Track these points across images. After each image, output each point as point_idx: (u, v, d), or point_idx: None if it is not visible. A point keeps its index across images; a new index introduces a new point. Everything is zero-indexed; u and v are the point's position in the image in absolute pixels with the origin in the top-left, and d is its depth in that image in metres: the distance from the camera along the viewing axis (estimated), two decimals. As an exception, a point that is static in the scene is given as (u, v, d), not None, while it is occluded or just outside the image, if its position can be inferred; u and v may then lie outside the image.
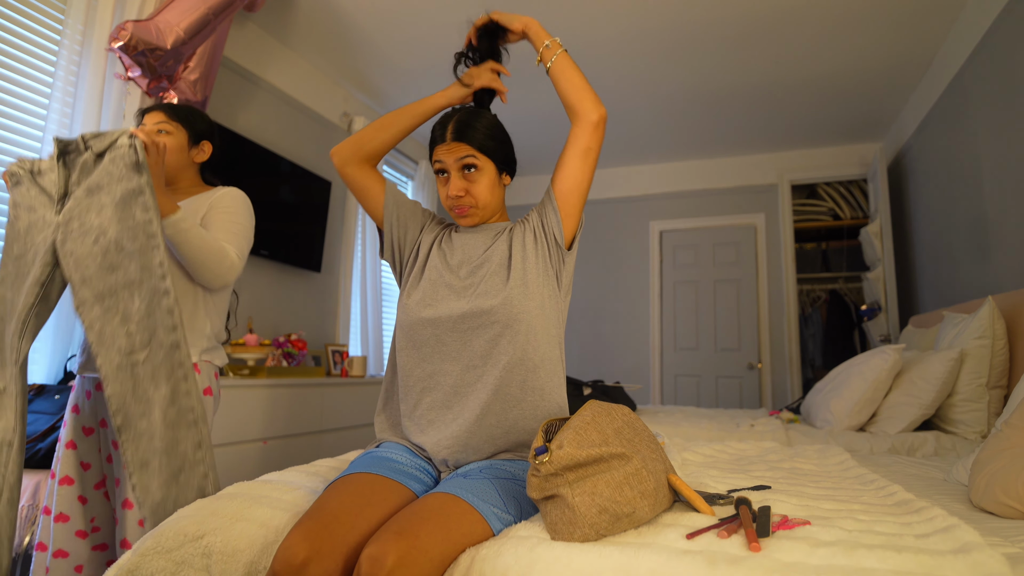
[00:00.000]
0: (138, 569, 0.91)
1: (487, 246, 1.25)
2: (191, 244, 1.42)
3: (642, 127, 4.18)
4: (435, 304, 1.19)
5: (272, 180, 3.07)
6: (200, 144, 1.66)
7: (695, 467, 1.53)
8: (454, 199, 1.23)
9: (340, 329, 3.56)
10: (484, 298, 1.16)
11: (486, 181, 1.23)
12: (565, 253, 1.23)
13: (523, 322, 1.14)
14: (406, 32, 3.06)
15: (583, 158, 1.20)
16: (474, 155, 1.21)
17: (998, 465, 1.17)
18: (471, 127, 1.22)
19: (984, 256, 2.71)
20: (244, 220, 1.59)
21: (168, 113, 1.60)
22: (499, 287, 1.17)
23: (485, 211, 1.26)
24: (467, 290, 1.20)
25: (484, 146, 1.22)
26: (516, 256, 1.20)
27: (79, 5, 2.11)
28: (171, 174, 1.61)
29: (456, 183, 1.22)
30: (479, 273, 1.21)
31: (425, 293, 1.22)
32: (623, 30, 2.98)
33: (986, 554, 0.74)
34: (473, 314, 1.15)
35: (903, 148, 3.85)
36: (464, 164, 1.21)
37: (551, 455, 0.87)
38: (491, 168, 1.24)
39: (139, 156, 1.31)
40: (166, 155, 1.57)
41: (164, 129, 1.59)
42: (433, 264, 1.26)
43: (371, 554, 0.80)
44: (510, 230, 1.27)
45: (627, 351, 4.84)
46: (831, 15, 2.81)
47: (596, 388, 2.89)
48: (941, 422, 2.30)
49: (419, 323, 1.19)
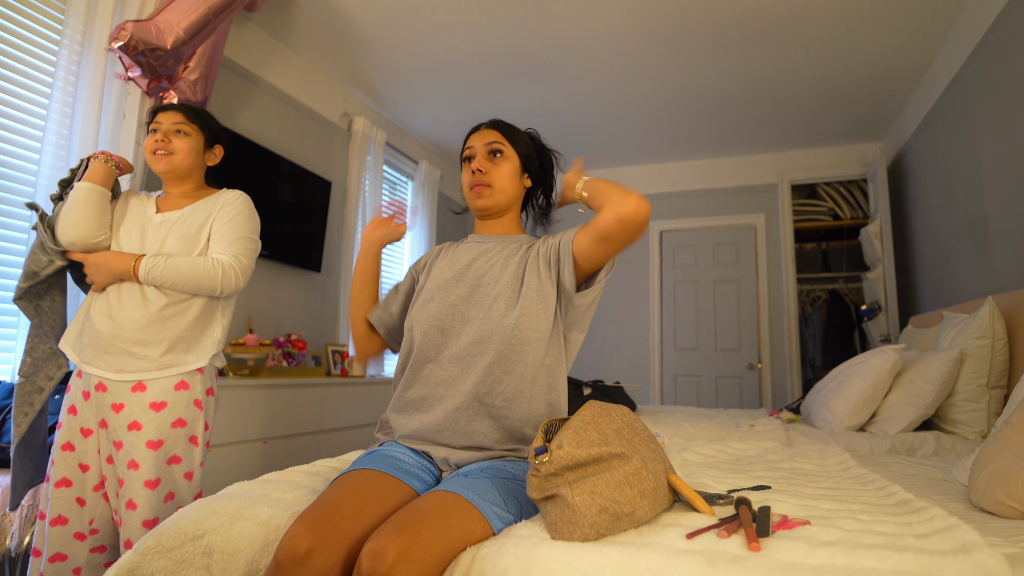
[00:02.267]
0: (138, 568, 0.91)
1: (498, 261, 1.26)
2: (169, 279, 1.47)
3: (642, 127, 4.18)
4: (444, 329, 1.22)
5: (272, 180, 3.07)
6: (213, 148, 1.67)
7: (695, 467, 1.53)
8: (474, 176, 1.28)
9: (340, 329, 3.56)
10: (487, 324, 1.17)
11: (508, 169, 1.30)
12: (572, 294, 1.21)
13: (523, 352, 1.16)
14: (406, 32, 3.06)
15: (600, 243, 1.14)
16: (502, 142, 1.30)
17: (998, 465, 1.17)
18: (507, 124, 1.34)
19: (984, 256, 2.71)
20: (244, 225, 1.60)
21: (187, 114, 1.61)
22: (506, 311, 1.17)
23: (499, 197, 1.29)
24: (472, 310, 1.21)
25: (514, 138, 1.32)
26: (529, 282, 1.20)
27: (79, 5, 2.11)
28: (182, 174, 1.62)
29: (480, 160, 1.29)
30: (486, 292, 1.21)
31: (431, 313, 1.23)
32: (623, 30, 2.98)
33: (986, 554, 0.74)
34: (476, 341, 1.17)
35: (903, 148, 3.85)
36: (492, 149, 1.30)
37: (551, 455, 0.87)
38: (515, 160, 1.31)
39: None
40: (184, 156, 1.59)
41: (183, 130, 1.59)
42: (436, 275, 1.30)
43: (372, 549, 0.80)
44: (525, 251, 1.27)
45: (627, 351, 4.84)
46: (831, 15, 2.81)
47: (596, 388, 2.89)
48: (941, 422, 2.30)
49: (424, 342, 1.23)
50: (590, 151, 4.65)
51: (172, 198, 1.63)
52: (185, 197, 1.63)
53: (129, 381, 1.45)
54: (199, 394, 1.53)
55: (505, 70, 3.40)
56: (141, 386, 1.46)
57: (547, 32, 3.00)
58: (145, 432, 1.43)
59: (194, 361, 1.52)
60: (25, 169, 2.03)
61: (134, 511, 1.41)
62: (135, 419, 1.43)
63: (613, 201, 1.12)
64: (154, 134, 1.58)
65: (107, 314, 1.48)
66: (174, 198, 1.63)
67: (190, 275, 1.48)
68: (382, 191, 4.02)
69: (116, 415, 1.44)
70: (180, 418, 1.48)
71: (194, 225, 1.56)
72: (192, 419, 1.51)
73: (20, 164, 2.01)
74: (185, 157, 1.59)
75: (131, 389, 1.45)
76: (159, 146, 1.57)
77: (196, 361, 1.53)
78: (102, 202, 1.52)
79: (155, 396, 1.46)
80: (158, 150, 1.57)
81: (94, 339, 1.48)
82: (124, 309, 1.47)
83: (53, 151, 2.02)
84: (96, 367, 1.46)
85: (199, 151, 1.62)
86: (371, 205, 3.77)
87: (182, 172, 1.61)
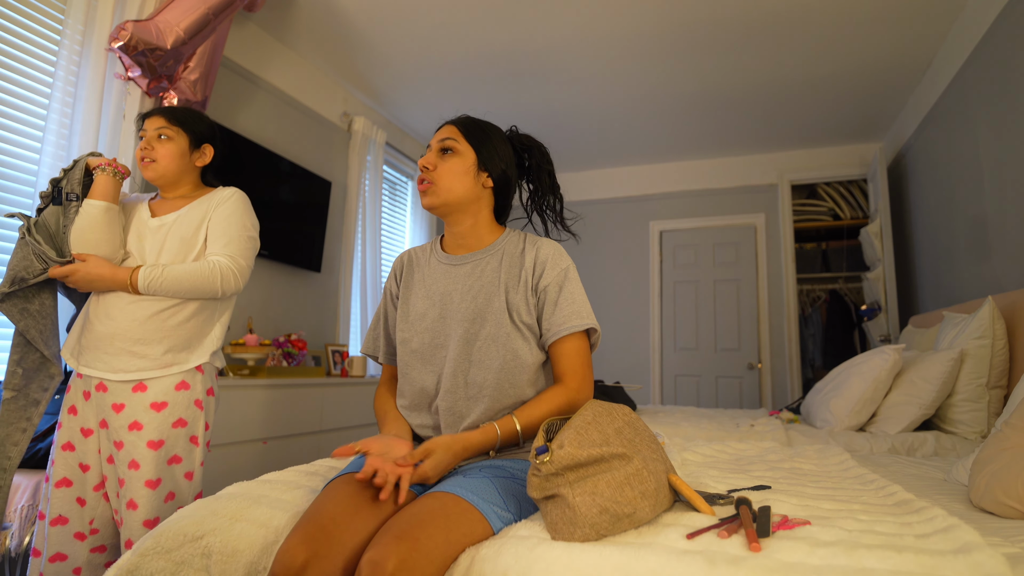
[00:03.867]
0: (138, 569, 0.91)
1: (478, 293, 1.21)
2: (169, 289, 1.47)
3: (642, 127, 4.18)
4: (432, 363, 1.21)
5: (272, 180, 3.07)
6: (201, 148, 1.65)
7: (695, 467, 1.53)
8: (421, 171, 1.24)
9: (340, 329, 3.56)
10: (480, 370, 1.16)
11: (457, 165, 1.23)
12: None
13: (519, 383, 1.17)
14: (406, 32, 3.05)
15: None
16: (456, 138, 1.24)
17: (998, 465, 1.17)
18: (474, 121, 1.27)
19: (984, 256, 2.71)
20: (240, 223, 1.58)
21: (168, 118, 1.59)
22: (495, 360, 1.16)
23: (445, 196, 1.22)
24: (458, 348, 1.19)
25: (471, 134, 1.25)
26: (512, 328, 1.18)
27: (79, 5, 2.11)
28: (172, 179, 1.61)
29: (428, 157, 1.24)
30: (472, 337, 1.18)
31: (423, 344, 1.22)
32: (623, 30, 2.98)
33: (986, 554, 0.74)
34: (471, 384, 1.17)
35: (903, 148, 3.85)
36: (443, 146, 1.24)
37: (552, 455, 0.87)
38: (469, 156, 1.24)
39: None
40: (168, 161, 1.58)
41: (165, 134, 1.58)
42: (416, 306, 1.27)
43: (372, 558, 0.79)
44: (504, 274, 1.22)
45: (627, 351, 4.84)
46: (831, 16, 2.81)
47: (596, 388, 2.89)
48: (941, 422, 2.30)
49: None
50: (590, 151, 4.65)
51: (168, 201, 1.63)
52: (181, 199, 1.62)
53: (130, 381, 1.45)
54: (199, 394, 1.53)
55: (505, 70, 3.40)
56: (142, 386, 1.46)
57: (547, 32, 3.00)
58: (146, 432, 1.43)
59: (195, 359, 1.52)
60: (25, 169, 2.02)
61: (135, 511, 1.41)
62: (136, 419, 1.43)
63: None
64: (142, 142, 1.58)
65: (106, 315, 1.48)
66: (170, 201, 1.62)
67: (189, 283, 1.48)
68: (382, 191, 4.02)
69: (117, 415, 1.44)
70: (181, 418, 1.48)
71: (190, 227, 1.55)
72: (193, 419, 1.51)
73: (20, 164, 2.01)
74: (169, 163, 1.57)
75: (132, 389, 1.45)
76: (144, 153, 1.57)
77: (196, 359, 1.53)
78: (117, 219, 1.52)
79: (156, 396, 1.46)
80: (144, 158, 1.57)
81: (93, 340, 1.48)
82: (123, 309, 1.47)
83: (53, 151, 2.02)
84: (96, 368, 1.46)
85: (184, 154, 1.60)
86: (371, 205, 3.77)
87: (170, 177, 1.60)
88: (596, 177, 5.07)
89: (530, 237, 1.28)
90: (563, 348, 1.17)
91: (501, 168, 1.27)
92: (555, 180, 1.35)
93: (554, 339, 1.18)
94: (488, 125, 1.28)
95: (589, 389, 1.17)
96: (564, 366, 1.17)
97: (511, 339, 1.16)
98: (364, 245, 3.70)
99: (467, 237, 1.28)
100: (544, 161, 1.34)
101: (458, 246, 1.29)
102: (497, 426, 1.10)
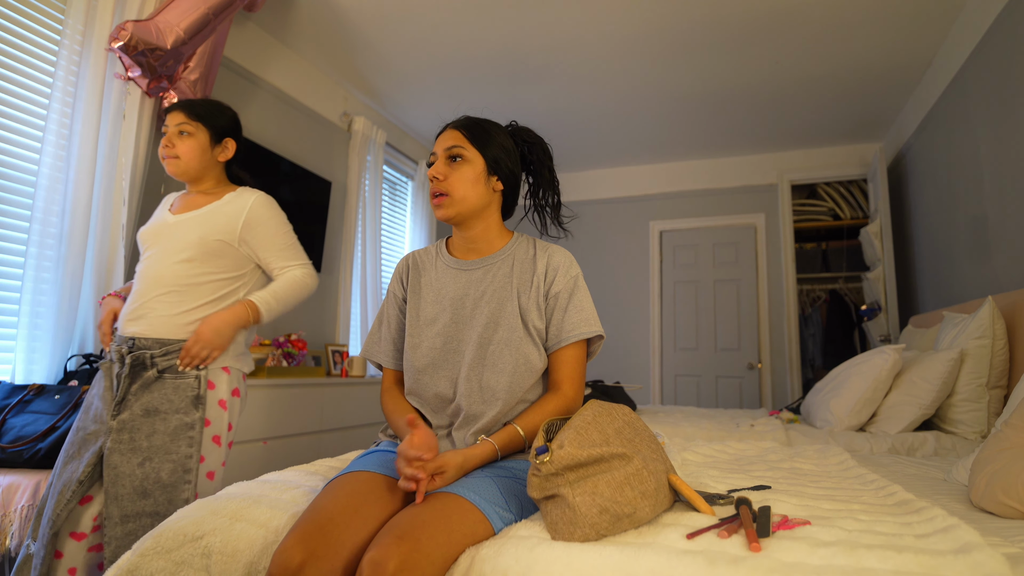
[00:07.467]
0: (137, 569, 0.91)
1: (492, 299, 1.21)
2: (284, 308, 1.59)
3: (642, 127, 4.18)
4: (437, 370, 1.21)
5: (272, 180, 3.06)
6: (223, 142, 1.65)
7: (695, 467, 1.53)
8: (432, 183, 1.22)
9: (340, 329, 3.56)
10: (493, 374, 1.16)
11: (469, 173, 1.21)
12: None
13: (528, 388, 1.18)
14: (406, 32, 3.05)
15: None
16: (463, 145, 1.21)
17: (998, 465, 1.17)
18: (477, 122, 1.25)
19: (984, 256, 2.71)
20: (285, 229, 1.66)
21: (188, 113, 1.59)
22: (508, 364, 1.16)
23: (460, 206, 1.21)
24: (471, 353, 1.18)
25: (480, 139, 1.22)
26: (525, 337, 1.18)
27: (79, 5, 2.11)
28: (194, 175, 1.62)
29: (438, 166, 1.21)
30: (485, 343, 1.18)
31: (430, 358, 1.22)
32: (623, 30, 2.98)
33: (986, 554, 0.74)
34: (482, 388, 1.17)
35: (903, 148, 3.85)
36: (451, 154, 1.22)
37: (552, 455, 0.87)
38: (479, 163, 1.22)
39: (201, 390, 1.44)
40: (190, 157, 1.59)
41: (185, 130, 1.58)
42: (426, 311, 1.25)
43: (373, 559, 0.79)
44: (516, 279, 1.21)
45: (627, 351, 4.84)
46: (831, 15, 2.81)
47: (596, 388, 2.90)
48: (941, 422, 2.30)
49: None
50: (590, 151, 4.65)
51: (192, 196, 1.64)
52: (205, 195, 1.63)
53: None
54: (224, 394, 1.53)
55: (505, 70, 3.40)
56: None
57: (547, 32, 3.00)
58: None
59: (220, 360, 1.54)
60: (25, 169, 2.02)
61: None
62: None
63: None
64: (163, 137, 1.59)
65: (139, 316, 1.50)
66: (194, 196, 1.64)
67: (295, 297, 1.61)
68: (382, 191, 4.02)
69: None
70: (205, 417, 1.49)
71: (214, 229, 1.55)
72: (216, 418, 1.51)
73: (20, 164, 2.01)
74: (191, 159, 1.59)
75: None
76: (165, 151, 1.58)
77: (222, 361, 1.54)
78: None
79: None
80: (166, 155, 1.58)
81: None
82: (156, 309, 1.50)
83: (53, 151, 2.02)
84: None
85: (206, 149, 1.61)
86: (371, 205, 3.77)
87: (193, 173, 1.61)
88: (596, 177, 5.07)
89: (540, 243, 1.28)
90: (565, 355, 1.19)
91: (509, 167, 1.27)
92: (554, 175, 1.35)
93: (560, 345, 1.18)
94: (490, 123, 1.27)
95: (582, 397, 1.19)
96: (563, 373, 1.18)
97: (523, 343, 1.17)
98: (364, 245, 3.70)
99: (478, 242, 1.27)
100: (545, 157, 1.34)
101: (468, 250, 1.28)
102: (498, 445, 1.10)
